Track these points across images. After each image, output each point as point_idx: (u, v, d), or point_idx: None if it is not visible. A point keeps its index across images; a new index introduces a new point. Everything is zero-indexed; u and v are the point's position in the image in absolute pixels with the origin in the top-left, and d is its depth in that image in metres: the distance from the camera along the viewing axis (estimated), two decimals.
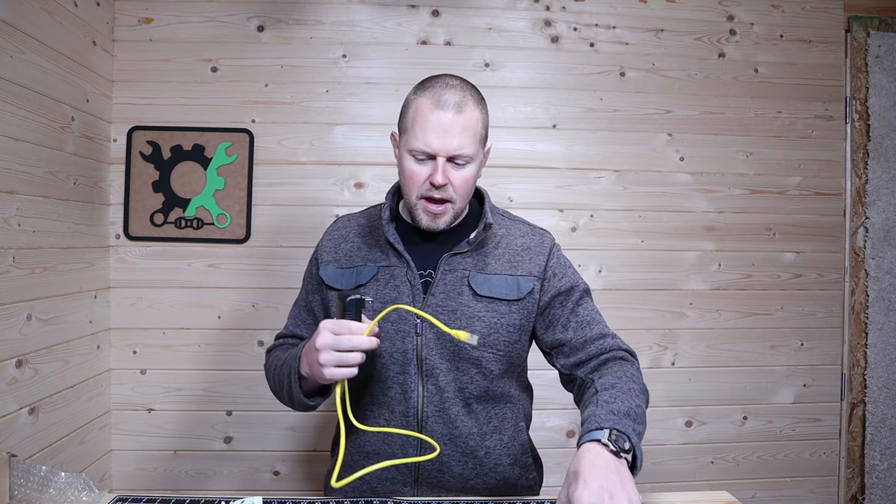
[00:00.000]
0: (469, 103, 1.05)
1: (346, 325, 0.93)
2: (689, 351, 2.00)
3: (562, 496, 0.80)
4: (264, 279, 1.87)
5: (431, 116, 1.02)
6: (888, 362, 2.02)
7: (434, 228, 1.08)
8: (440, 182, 1.03)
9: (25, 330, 1.41)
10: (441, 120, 1.02)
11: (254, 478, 1.89)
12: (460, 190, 1.06)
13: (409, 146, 1.05)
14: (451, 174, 1.05)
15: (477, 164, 1.08)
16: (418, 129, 1.03)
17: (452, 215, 1.08)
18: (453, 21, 1.93)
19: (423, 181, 1.05)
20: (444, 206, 1.06)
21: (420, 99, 1.05)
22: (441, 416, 1.08)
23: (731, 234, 2.01)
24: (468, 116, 1.04)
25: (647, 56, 1.98)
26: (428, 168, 1.04)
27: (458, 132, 1.02)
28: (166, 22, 1.85)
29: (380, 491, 1.11)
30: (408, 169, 1.06)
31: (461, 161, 1.04)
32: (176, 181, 1.84)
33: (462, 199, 1.08)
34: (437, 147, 1.02)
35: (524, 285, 1.11)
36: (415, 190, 1.06)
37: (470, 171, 1.06)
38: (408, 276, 1.09)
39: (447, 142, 1.02)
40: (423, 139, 1.02)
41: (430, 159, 1.04)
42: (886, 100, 2.02)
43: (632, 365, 1.06)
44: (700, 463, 2.01)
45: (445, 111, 1.02)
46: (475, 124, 1.05)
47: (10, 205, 1.36)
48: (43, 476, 0.89)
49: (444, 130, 1.02)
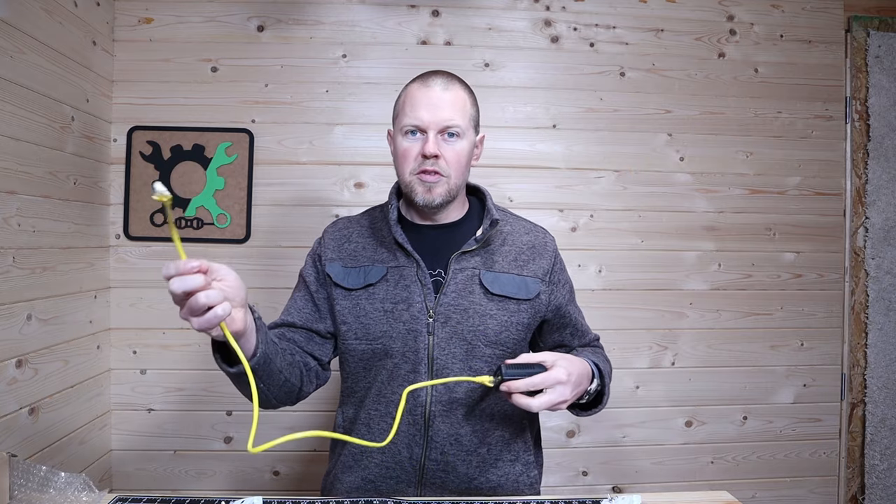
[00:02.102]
0: (455, 84, 1.10)
1: (173, 267, 0.76)
2: (689, 351, 2.00)
3: (544, 355, 0.98)
4: (264, 279, 1.87)
5: (420, 94, 1.08)
6: (888, 362, 2.02)
7: (430, 202, 1.08)
8: (431, 151, 1.05)
9: (25, 330, 1.41)
10: (429, 95, 1.07)
11: (254, 478, 1.89)
12: (453, 164, 1.08)
13: (401, 124, 1.09)
14: (443, 148, 1.07)
15: (469, 142, 1.11)
16: (408, 108, 1.08)
17: (447, 190, 1.09)
18: (453, 21, 1.93)
19: (415, 156, 1.08)
20: (438, 178, 1.07)
21: (409, 86, 1.11)
22: (448, 415, 1.09)
23: (731, 234, 2.01)
24: (455, 93, 1.09)
25: (647, 56, 1.98)
26: (419, 143, 1.08)
27: (446, 105, 1.07)
28: (166, 22, 1.85)
29: (383, 490, 1.10)
30: (400, 147, 1.10)
31: (452, 132, 1.08)
32: (176, 181, 1.84)
33: (456, 174, 1.09)
34: (427, 119, 1.06)
35: (532, 287, 1.13)
36: (408, 167, 1.08)
37: (461, 147, 1.09)
38: (418, 276, 1.09)
39: (436, 114, 1.06)
40: (413, 114, 1.07)
41: (421, 134, 1.07)
42: (886, 100, 2.02)
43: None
44: (700, 463, 2.01)
45: (433, 88, 1.08)
46: (463, 101, 1.10)
47: (10, 205, 1.36)
48: (43, 476, 0.89)
49: (433, 104, 1.06)
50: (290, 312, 1.15)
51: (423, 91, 1.08)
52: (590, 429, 1.98)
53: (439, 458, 1.09)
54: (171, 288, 0.75)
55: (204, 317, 0.76)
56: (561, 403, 0.98)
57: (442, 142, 1.07)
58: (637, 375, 1.98)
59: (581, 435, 1.98)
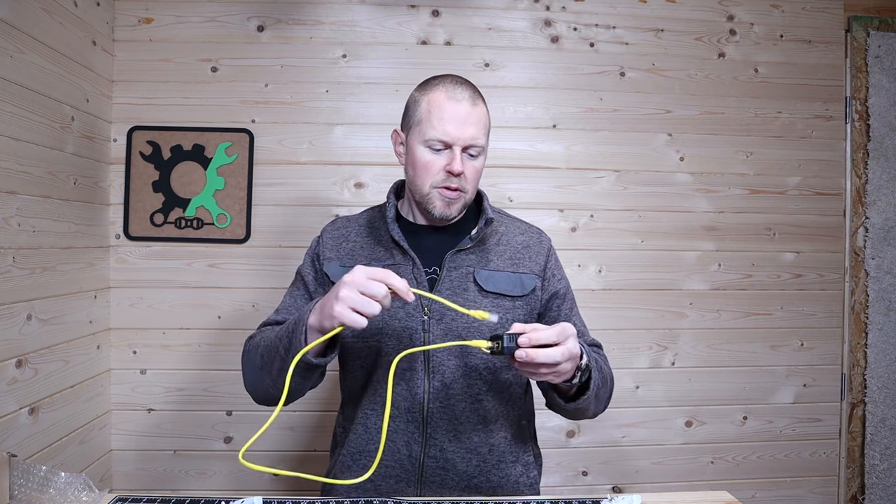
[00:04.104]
0: (479, 99, 1.11)
1: (384, 273, 0.88)
2: (689, 351, 2.00)
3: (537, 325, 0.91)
4: (264, 279, 1.87)
5: (448, 107, 1.06)
6: (888, 362, 2.02)
7: (447, 216, 1.10)
8: (459, 170, 1.06)
9: (25, 330, 1.41)
10: (458, 110, 1.06)
11: (254, 478, 1.89)
12: (472, 181, 1.11)
13: (426, 136, 1.07)
14: (466, 165, 1.08)
15: (485, 157, 1.14)
16: (435, 120, 1.06)
17: (464, 204, 1.12)
18: (453, 21, 1.93)
19: (438, 171, 1.08)
20: (459, 194, 1.09)
21: (433, 93, 1.09)
22: (446, 412, 1.09)
23: (731, 234, 2.01)
24: (480, 110, 1.10)
25: (647, 56, 1.98)
26: (443, 158, 1.07)
27: (473, 123, 1.07)
28: (166, 22, 1.85)
29: (383, 489, 1.11)
30: (422, 159, 1.08)
31: (474, 152, 1.09)
32: (176, 181, 1.84)
33: (472, 189, 1.12)
34: (455, 136, 1.06)
35: (527, 283, 1.14)
36: (429, 180, 1.08)
37: (481, 163, 1.12)
38: (414, 274, 1.10)
39: (464, 131, 1.06)
40: (442, 129, 1.06)
41: (445, 149, 1.07)
42: (886, 100, 2.02)
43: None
44: (700, 463, 2.01)
45: (461, 103, 1.07)
46: (485, 117, 1.11)
47: (10, 205, 1.36)
48: (43, 476, 0.89)
49: (461, 121, 1.06)
50: (288, 310, 1.14)
51: (451, 104, 1.06)
52: (590, 429, 1.98)
53: (438, 456, 1.09)
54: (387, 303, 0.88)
55: (357, 316, 0.86)
56: (559, 365, 0.90)
57: (465, 158, 1.08)
58: (637, 375, 1.98)
59: (581, 435, 1.98)
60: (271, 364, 1.00)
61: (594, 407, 1.08)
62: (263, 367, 1.03)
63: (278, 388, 0.97)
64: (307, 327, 0.93)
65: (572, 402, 1.04)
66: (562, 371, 0.91)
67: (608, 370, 1.12)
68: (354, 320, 0.86)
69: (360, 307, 0.85)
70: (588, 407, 1.05)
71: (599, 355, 1.14)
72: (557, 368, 0.90)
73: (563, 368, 0.91)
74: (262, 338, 1.07)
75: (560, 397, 1.05)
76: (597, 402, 1.06)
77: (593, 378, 1.01)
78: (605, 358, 1.15)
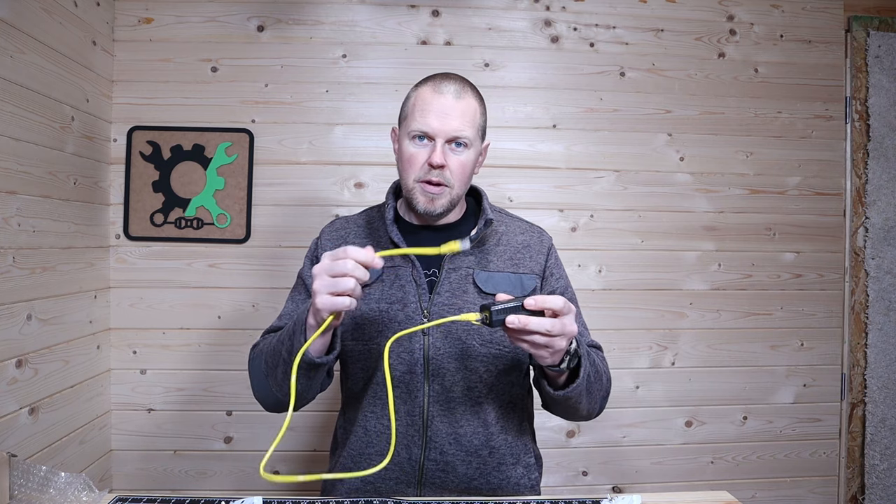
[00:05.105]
0: (468, 92, 1.10)
1: (344, 250, 0.87)
2: (689, 351, 2.00)
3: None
4: (264, 279, 1.87)
5: (431, 100, 1.06)
6: (888, 362, 2.02)
7: (431, 212, 1.09)
8: (438, 162, 1.04)
9: (25, 330, 1.41)
10: (441, 102, 1.06)
11: (254, 478, 1.89)
12: (458, 175, 1.08)
13: (409, 129, 1.08)
14: (450, 158, 1.07)
15: (475, 152, 1.11)
16: (418, 113, 1.07)
17: (449, 200, 1.09)
18: (453, 21, 1.93)
19: (421, 164, 1.07)
20: (442, 189, 1.07)
21: (421, 88, 1.10)
22: (446, 415, 1.09)
23: (731, 234, 2.01)
24: (467, 103, 1.08)
25: (647, 56, 1.98)
26: (426, 151, 1.07)
27: (457, 115, 1.06)
28: (166, 22, 1.85)
29: (382, 491, 1.10)
30: (406, 152, 1.08)
31: (459, 143, 1.07)
32: (176, 181, 1.84)
33: (459, 184, 1.09)
34: (437, 127, 1.05)
35: (527, 283, 1.13)
36: (412, 173, 1.08)
37: (467, 157, 1.09)
38: (413, 276, 1.10)
39: (446, 123, 1.05)
40: (423, 120, 1.06)
41: (429, 141, 1.07)
42: (886, 100, 2.02)
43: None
44: (700, 463, 2.01)
45: (445, 95, 1.06)
46: (473, 111, 1.09)
47: (10, 205, 1.36)
48: (43, 476, 0.89)
49: (444, 113, 1.05)
50: (290, 316, 1.13)
51: (435, 97, 1.06)
52: (590, 429, 1.98)
53: (438, 458, 1.09)
54: (359, 274, 0.86)
55: (338, 299, 0.85)
56: (553, 338, 0.87)
57: (449, 151, 1.07)
58: (637, 375, 1.98)
59: (581, 435, 1.98)
60: (276, 368, 1.00)
61: (587, 403, 1.04)
62: (269, 374, 1.03)
63: (285, 392, 0.98)
64: (306, 327, 0.93)
65: (562, 391, 1.00)
66: (555, 346, 0.89)
67: (604, 369, 1.10)
68: (335, 303, 0.85)
69: (334, 288, 0.85)
70: (580, 401, 1.02)
71: (598, 355, 1.13)
72: (552, 340, 0.88)
73: (557, 343, 0.88)
74: (265, 344, 1.07)
75: (550, 386, 1.02)
76: (589, 397, 1.03)
77: (583, 366, 0.98)
78: (604, 359, 1.14)
